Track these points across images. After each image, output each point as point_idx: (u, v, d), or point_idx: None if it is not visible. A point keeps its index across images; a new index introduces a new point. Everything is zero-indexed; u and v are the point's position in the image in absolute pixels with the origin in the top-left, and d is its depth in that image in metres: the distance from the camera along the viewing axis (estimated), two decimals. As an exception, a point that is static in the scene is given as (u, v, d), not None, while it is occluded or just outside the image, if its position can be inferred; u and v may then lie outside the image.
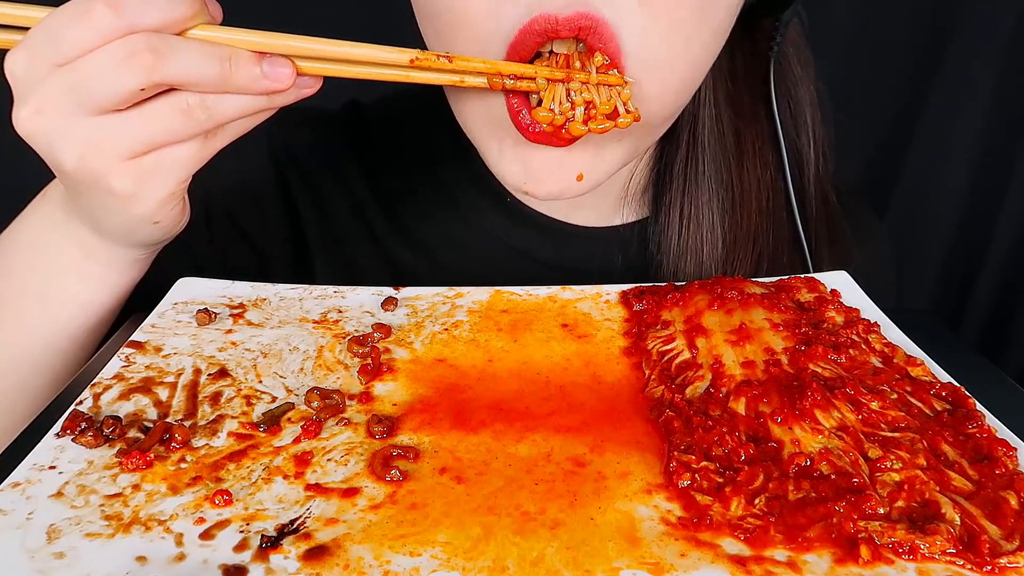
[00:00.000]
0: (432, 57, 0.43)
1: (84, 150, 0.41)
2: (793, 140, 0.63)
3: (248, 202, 0.64)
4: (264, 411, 0.40)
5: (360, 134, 0.68)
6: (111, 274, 0.49)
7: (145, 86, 0.39)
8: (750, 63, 0.61)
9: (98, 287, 0.49)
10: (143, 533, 0.32)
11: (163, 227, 0.46)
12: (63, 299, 0.49)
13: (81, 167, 0.41)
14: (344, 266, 0.64)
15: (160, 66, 0.39)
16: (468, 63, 0.44)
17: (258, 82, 0.41)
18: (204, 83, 0.40)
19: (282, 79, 0.41)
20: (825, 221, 0.65)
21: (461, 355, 0.46)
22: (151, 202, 0.43)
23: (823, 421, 0.38)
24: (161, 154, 0.42)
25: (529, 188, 0.50)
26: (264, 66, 0.41)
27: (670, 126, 0.58)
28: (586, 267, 0.62)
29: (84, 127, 0.40)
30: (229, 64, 0.40)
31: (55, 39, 0.39)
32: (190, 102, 0.41)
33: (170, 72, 0.39)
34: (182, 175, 0.43)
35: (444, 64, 0.43)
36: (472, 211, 0.64)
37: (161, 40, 0.39)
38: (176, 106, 0.41)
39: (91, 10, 0.38)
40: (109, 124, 0.40)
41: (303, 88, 0.43)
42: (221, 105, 0.41)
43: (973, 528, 0.32)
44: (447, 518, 0.33)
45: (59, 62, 0.39)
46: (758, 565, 0.31)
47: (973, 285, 1.14)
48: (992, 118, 1.07)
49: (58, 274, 0.49)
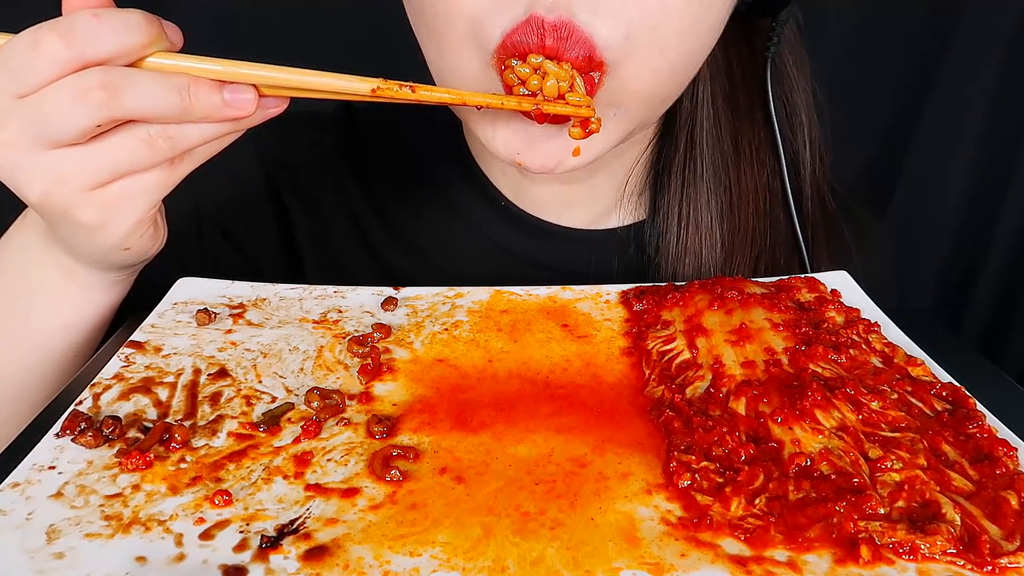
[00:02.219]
0: (395, 87, 0.42)
1: (47, 184, 0.40)
2: (790, 141, 0.63)
3: (238, 208, 0.63)
4: (264, 411, 0.40)
5: (352, 136, 0.68)
6: (92, 294, 0.49)
7: (101, 122, 0.39)
8: (746, 64, 0.61)
9: (80, 307, 0.49)
10: (143, 533, 0.32)
11: (135, 252, 0.46)
12: (47, 319, 0.49)
13: (45, 200, 0.41)
14: (336, 269, 0.64)
15: (115, 102, 0.38)
16: (431, 93, 0.43)
17: (220, 111, 0.40)
18: (163, 115, 0.39)
19: (244, 106, 0.41)
20: (823, 222, 0.65)
21: (461, 355, 0.46)
22: (120, 230, 0.43)
23: (823, 421, 0.38)
24: (126, 183, 0.42)
25: (522, 159, 0.49)
26: (225, 94, 0.40)
27: (667, 127, 0.58)
28: (583, 270, 0.62)
29: (46, 161, 0.40)
30: (188, 95, 0.39)
31: (12, 70, 0.38)
32: (151, 132, 0.40)
33: (126, 107, 0.38)
34: (148, 203, 0.43)
35: (407, 94, 0.42)
36: (467, 213, 0.64)
37: (116, 74, 0.38)
38: (137, 137, 0.40)
39: (41, 40, 0.37)
40: (71, 157, 0.40)
41: (269, 108, 0.42)
42: (184, 134, 0.41)
43: (973, 528, 0.32)
44: (447, 518, 0.33)
45: (19, 93, 0.38)
46: (758, 565, 0.31)
47: (973, 285, 1.14)
48: (992, 118, 1.06)
49: (41, 295, 0.49)
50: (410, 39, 0.51)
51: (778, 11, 0.58)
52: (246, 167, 0.64)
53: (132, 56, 0.39)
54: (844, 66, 1.02)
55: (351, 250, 0.65)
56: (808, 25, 0.63)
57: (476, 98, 0.44)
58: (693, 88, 0.58)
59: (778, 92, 0.62)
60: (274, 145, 0.65)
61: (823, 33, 1.02)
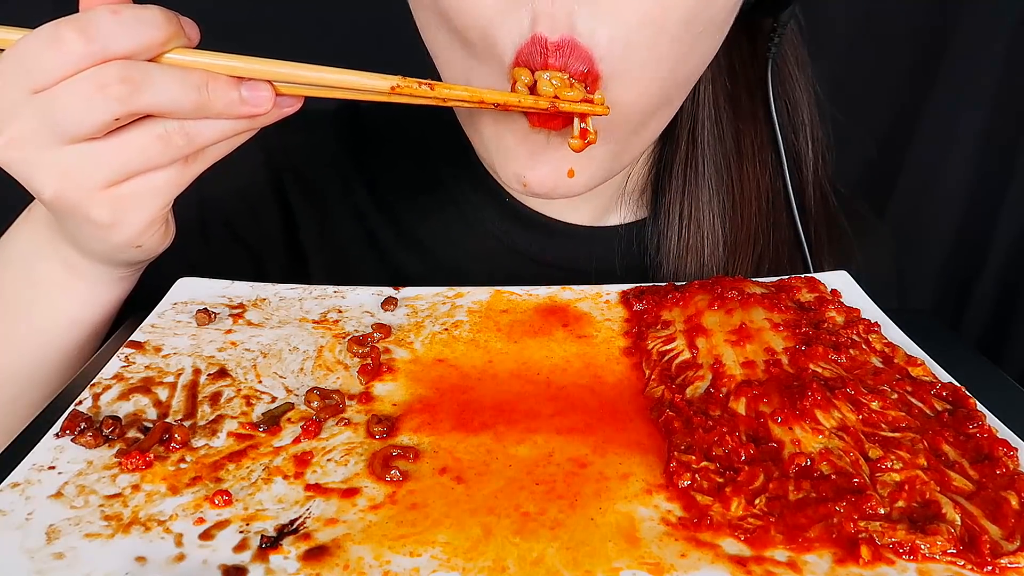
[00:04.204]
0: (414, 84, 0.42)
1: (61, 180, 0.40)
2: (792, 141, 0.63)
3: (243, 207, 0.63)
4: (264, 411, 0.40)
5: (357, 135, 0.68)
6: (97, 290, 0.49)
7: (119, 116, 0.38)
8: (748, 64, 0.61)
9: (85, 303, 0.49)
10: (143, 533, 0.32)
11: (146, 250, 0.46)
12: (51, 314, 0.49)
13: (59, 197, 0.41)
14: (341, 267, 0.64)
15: (134, 96, 0.38)
16: (450, 91, 0.43)
17: (237, 107, 0.40)
18: (181, 111, 0.39)
19: (261, 103, 0.41)
20: (825, 221, 0.65)
21: (461, 355, 0.46)
22: (132, 229, 0.43)
23: (823, 421, 0.38)
24: (139, 181, 0.41)
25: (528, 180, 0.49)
26: (243, 91, 0.40)
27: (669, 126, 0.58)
28: (585, 267, 0.62)
29: (60, 157, 0.39)
30: (207, 90, 0.39)
31: (28, 66, 0.38)
32: (168, 129, 0.40)
33: (145, 102, 0.38)
34: (162, 202, 0.43)
35: (426, 92, 0.42)
36: (471, 211, 0.64)
37: (135, 68, 0.38)
38: (153, 133, 0.40)
39: (61, 37, 0.37)
40: (86, 153, 0.40)
41: (284, 107, 0.42)
42: (200, 131, 0.41)
43: (974, 528, 0.32)
44: (447, 518, 0.33)
45: (34, 89, 0.38)
46: (758, 565, 0.31)
47: (973, 285, 1.14)
48: (993, 118, 1.06)
49: (46, 290, 0.48)
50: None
51: (779, 11, 0.58)
52: (251, 165, 0.64)
53: (151, 52, 0.39)
54: (844, 66, 1.03)
55: (356, 248, 0.65)
56: (809, 25, 0.63)
57: (494, 96, 0.44)
58: (695, 88, 0.58)
59: (780, 92, 0.62)
60: (280, 143, 0.65)
61: (824, 33, 1.02)
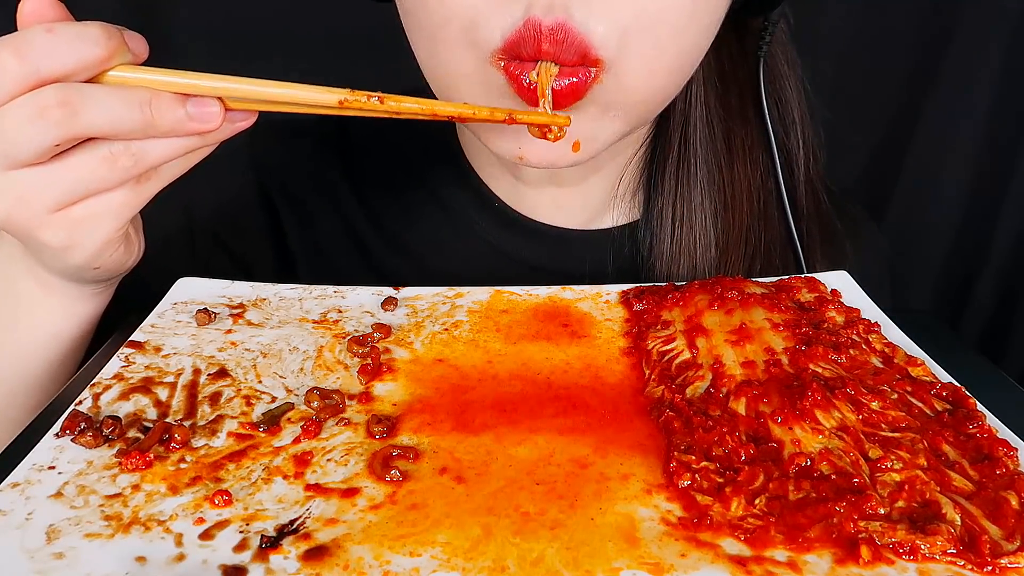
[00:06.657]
0: (362, 97, 0.41)
1: (10, 205, 0.40)
2: (782, 140, 0.63)
3: (231, 215, 0.63)
4: (264, 411, 0.40)
5: (343, 140, 0.67)
6: (73, 306, 0.49)
7: (59, 142, 0.38)
8: (738, 64, 0.61)
9: (63, 317, 0.49)
10: (143, 533, 0.32)
11: (107, 270, 0.45)
12: (32, 328, 0.49)
13: (10, 220, 0.40)
14: (330, 273, 0.64)
15: (73, 120, 0.37)
16: (400, 103, 0.42)
17: (183, 125, 0.39)
18: (125, 131, 0.39)
19: (209, 119, 0.40)
20: (817, 220, 0.65)
21: (461, 355, 0.46)
22: (87, 251, 0.42)
23: (823, 421, 0.38)
24: (91, 204, 0.41)
25: (524, 153, 0.49)
26: (188, 107, 0.39)
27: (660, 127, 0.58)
28: (577, 270, 0.62)
29: (7, 181, 0.39)
30: (150, 109, 0.38)
31: None
32: (113, 151, 0.39)
33: (85, 125, 0.37)
34: (115, 224, 0.42)
35: (375, 105, 0.41)
36: (461, 215, 0.64)
37: (73, 91, 0.37)
38: (99, 155, 0.39)
39: None
40: (32, 177, 0.39)
41: (237, 122, 0.41)
42: (148, 150, 0.40)
43: (974, 528, 0.32)
44: (447, 518, 0.33)
45: None
46: (758, 565, 0.31)
47: (973, 285, 1.14)
48: (993, 118, 1.06)
49: (26, 305, 0.48)
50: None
51: (769, 10, 0.58)
52: (238, 173, 0.64)
53: (91, 71, 0.38)
54: (844, 66, 1.02)
55: (344, 254, 0.65)
56: (808, 24, 0.63)
57: (447, 109, 0.43)
58: (686, 88, 0.58)
59: (770, 91, 0.62)
60: (266, 151, 0.65)
61: (822, 32, 1.02)
